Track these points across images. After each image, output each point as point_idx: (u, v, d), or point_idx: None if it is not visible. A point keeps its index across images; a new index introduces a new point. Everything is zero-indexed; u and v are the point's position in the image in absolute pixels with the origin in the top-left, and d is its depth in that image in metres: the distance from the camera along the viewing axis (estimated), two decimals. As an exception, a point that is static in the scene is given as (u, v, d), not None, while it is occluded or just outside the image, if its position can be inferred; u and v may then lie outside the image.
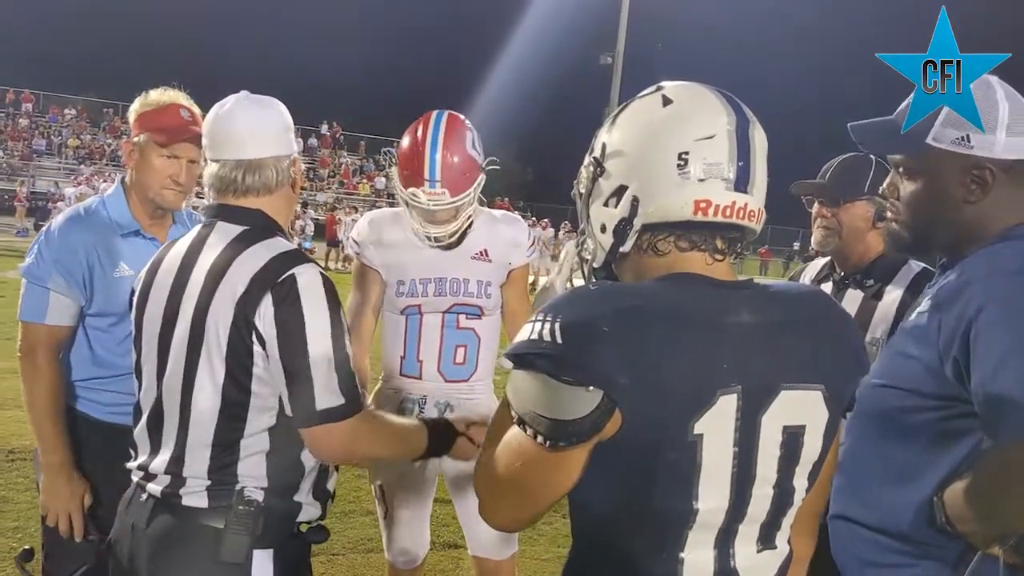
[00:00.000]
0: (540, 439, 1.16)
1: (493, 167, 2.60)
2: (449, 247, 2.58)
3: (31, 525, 3.92)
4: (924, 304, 1.56)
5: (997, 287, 1.42)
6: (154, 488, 1.72)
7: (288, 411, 1.65)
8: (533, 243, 2.70)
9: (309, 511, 1.77)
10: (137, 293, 1.85)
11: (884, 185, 1.73)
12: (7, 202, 30.19)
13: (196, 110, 2.39)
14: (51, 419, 2.29)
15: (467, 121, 2.57)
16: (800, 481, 1.28)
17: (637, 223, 1.25)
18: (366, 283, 2.66)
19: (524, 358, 1.16)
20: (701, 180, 1.20)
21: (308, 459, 1.73)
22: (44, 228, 2.40)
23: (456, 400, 2.63)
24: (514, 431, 1.21)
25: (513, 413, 1.21)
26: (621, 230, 1.27)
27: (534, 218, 28.74)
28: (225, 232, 1.74)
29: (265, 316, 1.61)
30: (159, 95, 2.40)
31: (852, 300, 2.42)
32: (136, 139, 2.37)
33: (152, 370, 1.76)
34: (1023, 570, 1.39)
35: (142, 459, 1.78)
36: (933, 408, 1.50)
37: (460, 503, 2.75)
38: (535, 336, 1.14)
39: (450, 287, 2.57)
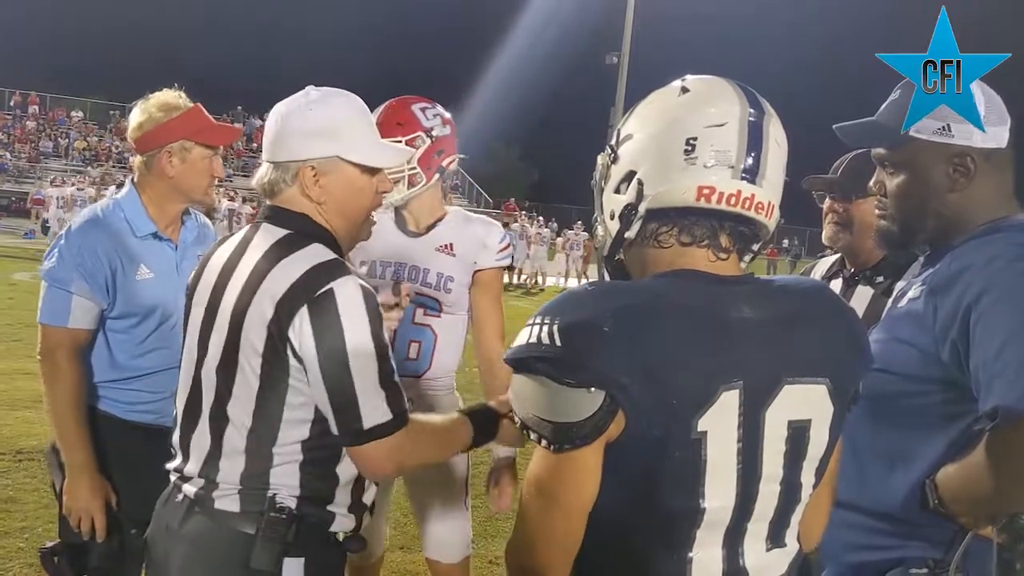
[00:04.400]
0: (544, 443, 1.16)
1: (456, 150, 2.65)
2: (416, 236, 2.64)
3: (39, 525, 3.95)
4: (914, 291, 1.58)
5: (997, 274, 1.44)
6: (189, 489, 1.71)
7: (333, 429, 1.59)
8: (505, 248, 2.68)
9: (343, 522, 1.72)
10: (188, 293, 1.81)
11: (871, 183, 1.74)
12: (14, 204, 30.29)
13: None
14: (73, 419, 2.28)
15: (438, 105, 2.64)
16: (808, 477, 1.27)
17: (642, 208, 1.24)
18: None
19: (524, 362, 1.16)
20: (707, 166, 1.20)
21: (343, 470, 1.68)
22: (64, 230, 2.38)
23: (413, 396, 2.59)
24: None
25: (516, 419, 1.21)
26: (626, 215, 1.26)
27: (541, 218, 28.72)
28: (268, 235, 1.69)
29: (302, 331, 1.55)
30: (175, 98, 2.39)
31: (862, 297, 2.40)
32: (178, 144, 2.34)
33: (190, 371, 1.73)
34: (1014, 550, 1.40)
35: (178, 461, 1.76)
36: (926, 392, 1.52)
37: (416, 502, 2.74)
38: (533, 340, 1.14)
39: (408, 273, 2.61)
